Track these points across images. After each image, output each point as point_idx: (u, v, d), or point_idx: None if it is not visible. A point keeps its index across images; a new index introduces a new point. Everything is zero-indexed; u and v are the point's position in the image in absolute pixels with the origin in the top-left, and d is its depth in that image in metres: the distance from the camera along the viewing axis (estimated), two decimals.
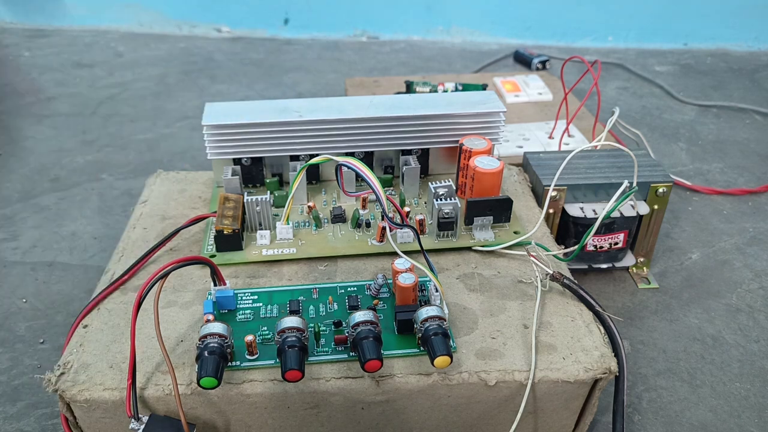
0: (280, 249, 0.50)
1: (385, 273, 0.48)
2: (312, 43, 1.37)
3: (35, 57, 1.25)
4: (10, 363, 0.55)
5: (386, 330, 0.43)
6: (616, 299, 0.63)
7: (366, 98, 0.58)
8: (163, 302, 0.46)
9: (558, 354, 0.42)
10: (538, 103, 0.88)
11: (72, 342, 0.43)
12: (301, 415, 0.42)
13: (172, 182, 0.61)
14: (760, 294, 0.64)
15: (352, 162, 0.46)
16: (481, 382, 0.41)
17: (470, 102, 0.57)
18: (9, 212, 0.76)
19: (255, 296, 0.46)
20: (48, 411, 0.51)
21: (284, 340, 0.39)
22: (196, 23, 1.42)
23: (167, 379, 0.40)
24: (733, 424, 0.50)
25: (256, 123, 0.53)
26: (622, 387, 0.43)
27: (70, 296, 0.63)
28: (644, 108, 1.06)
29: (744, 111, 1.05)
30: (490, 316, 0.45)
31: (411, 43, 1.38)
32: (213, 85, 1.14)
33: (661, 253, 0.70)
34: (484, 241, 0.52)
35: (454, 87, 0.85)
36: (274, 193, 0.55)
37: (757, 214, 0.77)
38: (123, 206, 0.77)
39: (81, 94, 1.09)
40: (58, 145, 0.91)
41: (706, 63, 1.28)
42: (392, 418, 0.43)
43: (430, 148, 0.58)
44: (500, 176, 0.52)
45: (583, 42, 1.38)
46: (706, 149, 0.93)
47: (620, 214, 0.58)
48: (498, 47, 1.35)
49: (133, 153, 0.90)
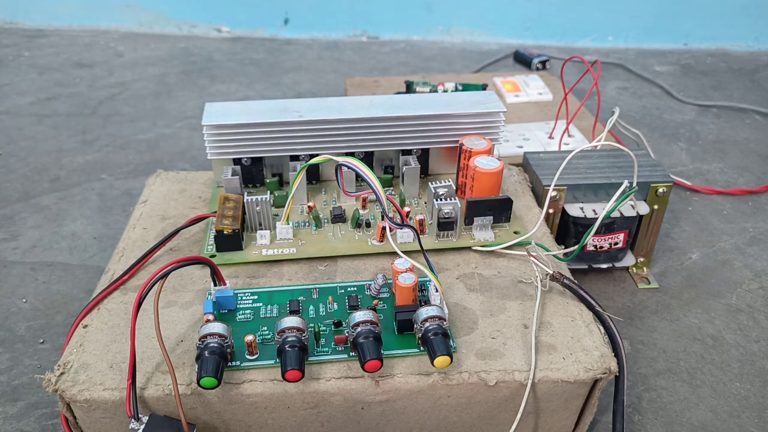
0: (280, 249, 0.50)
1: (385, 273, 0.48)
2: (312, 43, 1.37)
3: (35, 57, 1.25)
4: (10, 363, 0.55)
5: (386, 330, 0.43)
6: (616, 299, 0.63)
7: (366, 98, 0.58)
8: (163, 302, 0.46)
9: (558, 354, 0.42)
10: (538, 103, 0.88)
11: (72, 342, 0.43)
12: (301, 415, 0.42)
13: (172, 182, 0.61)
14: (760, 294, 0.64)
15: (352, 162, 0.46)
16: (481, 382, 0.41)
17: (470, 102, 0.57)
18: (9, 212, 0.76)
19: (255, 296, 0.46)
20: (48, 411, 0.51)
21: (284, 340, 0.39)
22: (196, 23, 1.42)
23: (167, 379, 0.40)
24: (733, 424, 0.50)
25: (256, 123, 0.54)
26: (622, 387, 0.43)
27: (70, 296, 0.63)
28: (644, 108, 1.06)
29: (744, 111, 1.05)
30: (490, 316, 0.45)
31: (411, 43, 1.38)
32: (213, 85, 1.14)
33: (661, 253, 0.70)
34: (484, 241, 0.52)
35: (454, 87, 0.85)
36: (274, 193, 0.55)
37: (757, 214, 0.77)
38: (123, 206, 0.77)
39: (81, 94, 1.09)
40: (58, 145, 0.91)
41: (706, 63, 1.28)
42: (392, 418, 0.43)
43: (430, 148, 0.58)
44: (500, 176, 0.52)
45: (583, 42, 1.38)
46: (706, 149, 0.93)
47: (620, 214, 0.58)
48: (498, 47, 1.35)
49: (133, 153, 0.90)
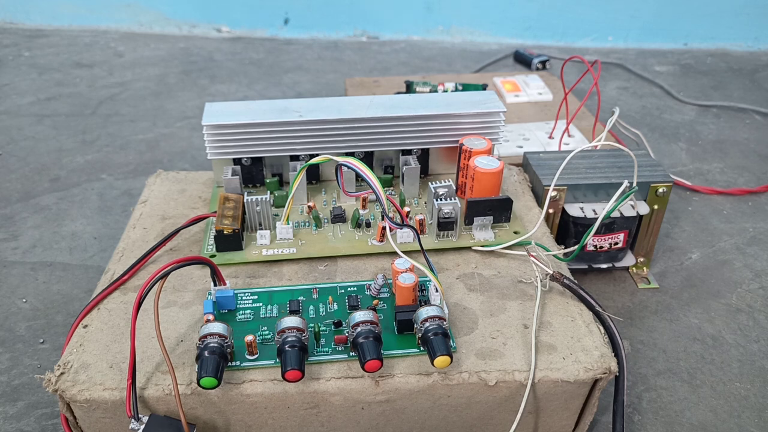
0: (280, 249, 0.50)
1: (385, 273, 0.48)
2: (312, 43, 1.37)
3: (35, 57, 1.25)
4: (10, 363, 0.55)
5: (386, 330, 0.43)
6: (616, 299, 0.63)
7: (366, 98, 0.58)
8: (163, 302, 0.46)
9: (558, 354, 0.42)
10: (538, 103, 0.88)
11: (72, 342, 0.43)
12: (301, 415, 0.42)
13: (172, 182, 0.61)
14: (760, 294, 0.64)
15: (352, 162, 0.46)
16: (481, 382, 0.41)
17: (470, 102, 0.57)
18: (9, 212, 0.76)
19: (255, 296, 0.46)
20: (48, 411, 0.51)
21: (284, 340, 0.39)
22: (196, 23, 1.42)
23: (167, 379, 0.40)
24: (733, 424, 0.50)
25: (256, 123, 0.54)
26: (622, 387, 0.43)
27: (70, 296, 0.63)
28: (644, 108, 1.06)
29: (744, 111, 1.05)
30: (490, 316, 0.45)
31: (411, 43, 1.38)
32: (213, 85, 1.14)
33: (661, 253, 0.70)
34: (484, 241, 0.52)
35: (454, 87, 0.85)
36: (274, 193, 0.55)
37: (757, 214, 0.77)
38: (123, 206, 0.77)
39: (81, 94, 1.09)
40: (58, 145, 0.91)
41: (706, 63, 1.28)
42: (392, 418, 0.43)
43: (430, 148, 0.58)
44: (500, 176, 0.52)
45: (583, 42, 1.38)
46: (706, 149, 0.93)
47: (620, 214, 0.58)
48: (498, 47, 1.35)
49: (133, 153, 0.90)
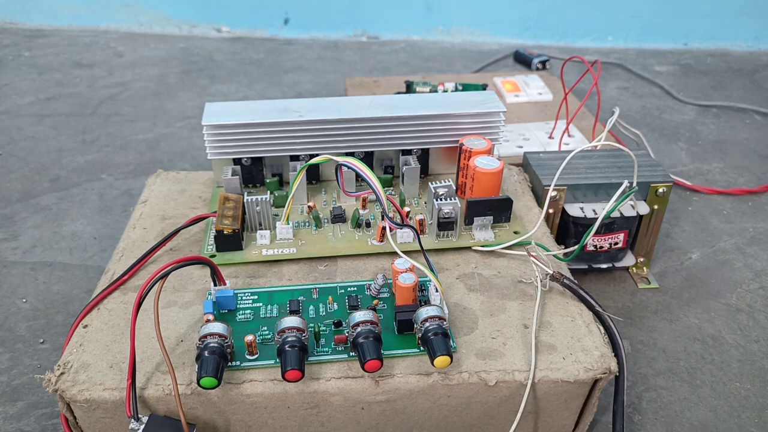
0: (280, 249, 0.50)
1: (385, 273, 0.48)
2: (312, 43, 1.37)
3: (35, 57, 1.25)
4: (10, 363, 0.55)
5: (386, 330, 0.43)
6: (616, 299, 0.63)
7: (366, 98, 0.58)
8: (163, 302, 0.46)
9: (558, 354, 0.42)
10: (538, 103, 0.88)
11: (72, 342, 0.43)
12: (301, 415, 0.42)
13: (172, 182, 0.61)
14: (760, 294, 0.64)
15: (352, 162, 0.46)
16: (481, 382, 0.41)
17: (470, 102, 0.57)
18: (9, 212, 0.76)
19: (255, 296, 0.46)
20: (48, 411, 0.51)
21: (284, 340, 0.39)
22: (196, 23, 1.42)
23: (167, 379, 0.40)
24: (733, 424, 0.50)
25: (256, 123, 0.54)
26: (622, 387, 0.43)
27: (70, 296, 0.63)
28: (644, 108, 1.06)
29: (744, 111, 1.05)
30: (490, 316, 0.45)
31: (411, 43, 1.38)
32: (213, 85, 1.14)
33: (661, 253, 0.70)
34: (484, 241, 0.52)
35: (454, 87, 0.85)
36: (274, 193, 0.55)
37: (757, 214, 0.77)
38: (123, 206, 0.77)
39: (81, 94, 1.09)
40: (58, 145, 0.91)
41: (706, 63, 1.28)
42: (392, 418, 0.43)
43: (430, 148, 0.58)
44: (500, 176, 0.52)
45: (583, 42, 1.38)
46: (706, 149, 0.93)
47: (620, 214, 0.58)
48: (498, 47, 1.35)
49: (133, 153, 0.90)
